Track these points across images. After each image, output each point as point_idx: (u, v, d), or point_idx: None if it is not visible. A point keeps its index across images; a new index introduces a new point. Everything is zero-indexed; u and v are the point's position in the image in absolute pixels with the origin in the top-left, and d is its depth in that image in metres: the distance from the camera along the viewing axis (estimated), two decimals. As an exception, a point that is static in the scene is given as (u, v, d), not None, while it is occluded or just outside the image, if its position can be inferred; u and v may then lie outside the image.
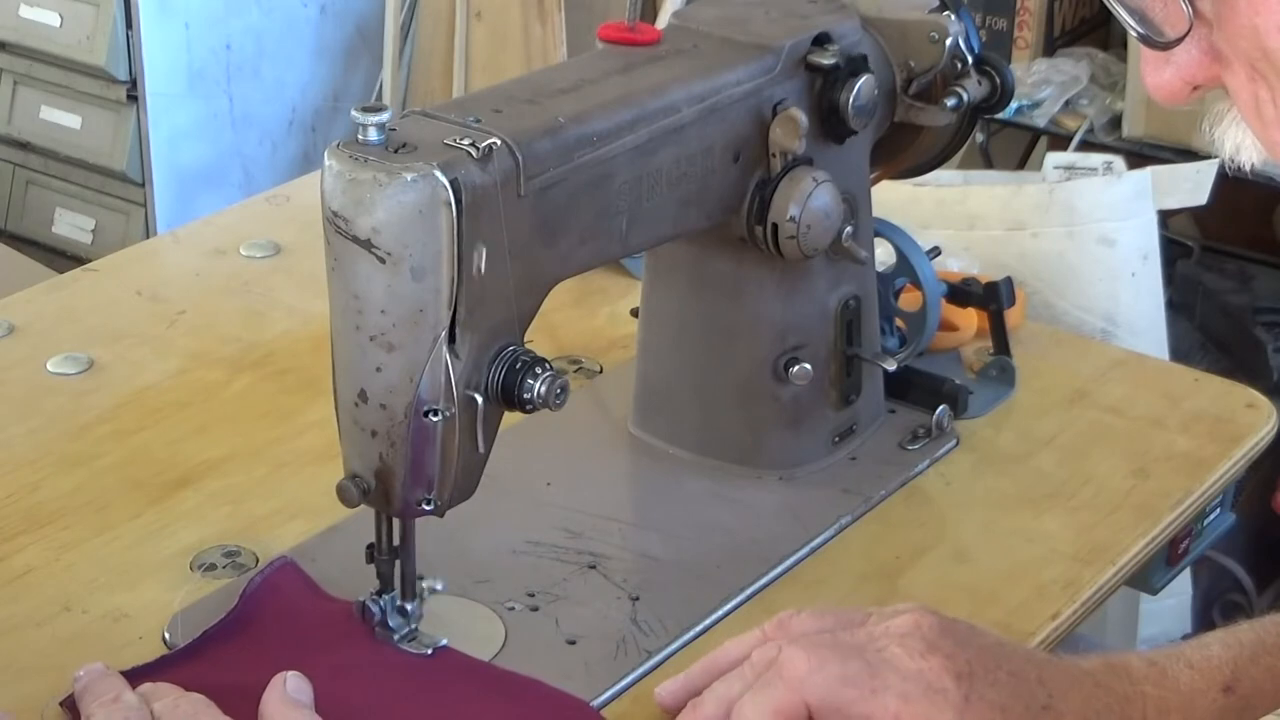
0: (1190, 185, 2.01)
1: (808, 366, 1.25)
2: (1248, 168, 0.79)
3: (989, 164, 2.63)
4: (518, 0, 2.89)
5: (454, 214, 0.99)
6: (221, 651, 1.08)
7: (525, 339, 1.06)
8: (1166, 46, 0.76)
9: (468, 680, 1.06)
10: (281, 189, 1.74)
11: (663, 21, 1.69)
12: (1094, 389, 1.41)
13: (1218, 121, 0.79)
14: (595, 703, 1.06)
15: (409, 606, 1.08)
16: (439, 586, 1.09)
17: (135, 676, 1.04)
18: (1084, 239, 1.91)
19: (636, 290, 1.32)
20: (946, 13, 1.26)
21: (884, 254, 1.35)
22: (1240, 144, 0.78)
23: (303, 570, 1.14)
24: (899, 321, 1.37)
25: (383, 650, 1.08)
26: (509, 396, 1.05)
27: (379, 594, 1.08)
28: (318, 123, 3.11)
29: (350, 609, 1.10)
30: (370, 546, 1.08)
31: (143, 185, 2.90)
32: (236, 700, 1.00)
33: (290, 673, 1.01)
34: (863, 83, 1.20)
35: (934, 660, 0.96)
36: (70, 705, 1.03)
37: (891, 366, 1.30)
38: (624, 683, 1.08)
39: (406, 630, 1.08)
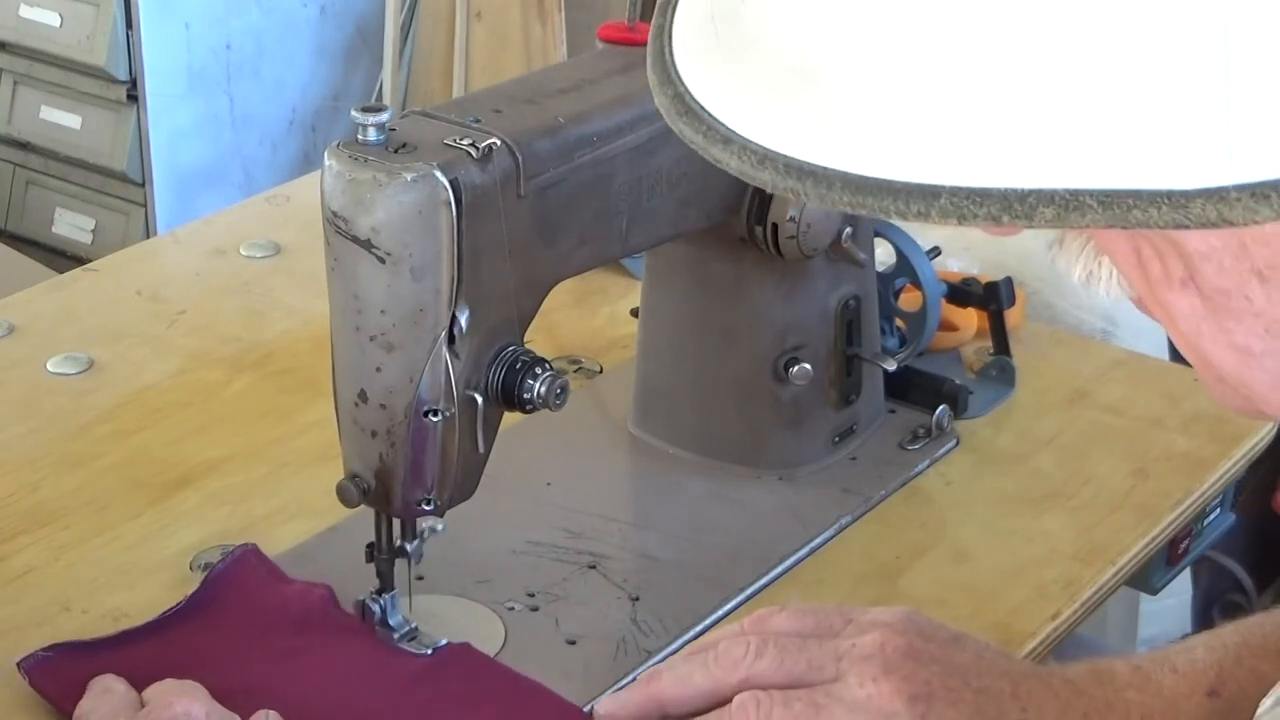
0: (1190, 185, 2.00)
1: (808, 366, 1.25)
2: (1101, 294, 0.69)
3: (989, 164, 2.63)
4: (518, 0, 2.90)
5: (454, 214, 0.99)
6: (180, 631, 1.09)
7: (525, 339, 1.06)
8: None
9: (441, 666, 1.07)
10: (281, 189, 1.73)
11: (663, 21, 1.68)
12: (1094, 389, 1.41)
13: (1061, 248, 0.69)
14: (595, 703, 1.06)
15: (408, 546, 1.07)
16: (439, 527, 1.08)
17: (93, 651, 1.06)
18: (1084, 239, 1.90)
19: (636, 290, 1.32)
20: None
21: (884, 254, 1.34)
22: (1094, 274, 0.69)
23: (264, 555, 1.14)
24: (899, 321, 1.37)
25: (343, 634, 1.08)
26: (509, 396, 1.05)
27: (379, 593, 1.08)
28: (318, 123, 3.11)
29: (310, 591, 1.10)
30: (370, 546, 1.08)
31: (143, 185, 2.90)
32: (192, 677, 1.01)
33: None
34: (863, 83, 1.20)
35: (886, 685, 0.95)
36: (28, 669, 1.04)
37: (891, 366, 1.30)
38: (624, 683, 1.08)
39: (406, 630, 1.08)
